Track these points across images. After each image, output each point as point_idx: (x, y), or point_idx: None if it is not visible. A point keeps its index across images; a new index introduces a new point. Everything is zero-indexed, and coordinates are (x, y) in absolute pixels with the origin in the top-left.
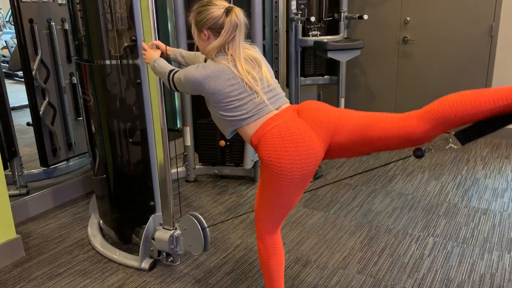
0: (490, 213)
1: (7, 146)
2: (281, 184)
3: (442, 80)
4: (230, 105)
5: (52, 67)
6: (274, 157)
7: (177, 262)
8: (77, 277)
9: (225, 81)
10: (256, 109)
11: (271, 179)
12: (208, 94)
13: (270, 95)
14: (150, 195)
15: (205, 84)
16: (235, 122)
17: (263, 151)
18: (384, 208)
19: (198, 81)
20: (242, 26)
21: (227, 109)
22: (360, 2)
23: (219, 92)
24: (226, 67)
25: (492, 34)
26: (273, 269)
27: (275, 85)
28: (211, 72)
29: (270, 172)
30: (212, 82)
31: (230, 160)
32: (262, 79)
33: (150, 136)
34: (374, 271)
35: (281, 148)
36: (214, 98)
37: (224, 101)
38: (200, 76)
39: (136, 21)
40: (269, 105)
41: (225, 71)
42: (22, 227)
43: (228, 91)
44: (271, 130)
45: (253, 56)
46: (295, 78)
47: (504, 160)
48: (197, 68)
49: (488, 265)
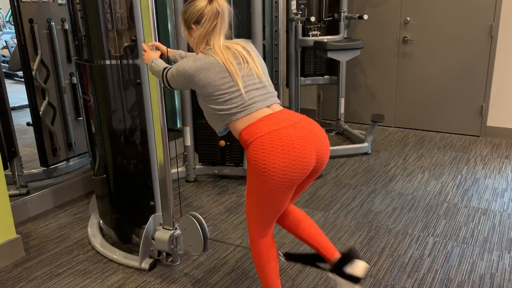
0: (490, 213)
1: (7, 146)
2: (265, 184)
3: (442, 80)
4: (220, 98)
5: (52, 67)
6: (260, 159)
7: (177, 262)
8: (77, 277)
9: (216, 74)
10: (247, 104)
11: (256, 179)
12: (198, 87)
13: (262, 92)
14: (150, 195)
15: (196, 76)
16: (226, 116)
17: (251, 153)
18: (384, 208)
19: (189, 74)
20: (225, 14)
21: (218, 102)
22: (360, 2)
23: (209, 84)
24: (217, 61)
25: (492, 34)
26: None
27: (267, 83)
28: (202, 64)
29: (255, 172)
30: (203, 74)
31: (230, 160)
32: (251, 74)
33: (150, 136)
34: (374, 271)
35: (270, 154)
36: (205, 91)
37: (214, 94)
38: (191, 69)
39: (136, 21)
40: (260, 101)
41: (216, 63)
42: (22, 227)
43: (218, 84)
44: (263, 137)
45: (244, 50)
46: (295, 78)
47: (504, 160)
48: (188, 61)
49: (488, 265)
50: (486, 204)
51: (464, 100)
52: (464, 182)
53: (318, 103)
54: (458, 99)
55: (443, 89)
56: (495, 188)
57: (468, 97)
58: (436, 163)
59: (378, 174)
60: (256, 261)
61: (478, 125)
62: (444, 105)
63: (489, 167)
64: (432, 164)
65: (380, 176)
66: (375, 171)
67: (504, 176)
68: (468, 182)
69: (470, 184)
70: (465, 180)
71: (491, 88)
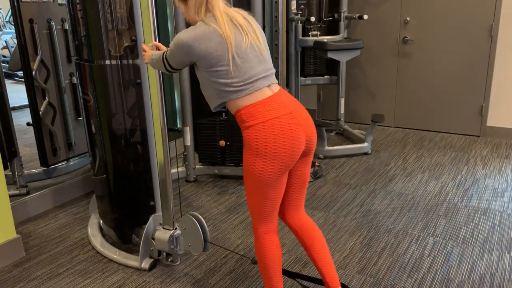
0: (490, 213)
1: (7, 146)
2: (266, 163)
3: (442, 80)
4: (222, 69)
5: (52, 67)
6: (261, 142)
7: (177, 262)
8: (77, 277)
9: (217, 44)
10: (247, 81)
11: (257, 160)
12: (199, 58)
13: (263, 68)
14: (150, 195)
15: (195, 46)
16: (224, 94)
17: (252, 136)
18: (384, 208)
19: (188, 44)
20: None
21: (220, 75)
22: (360, 2)
23: (210, 55)
24: (217, 30)
25: (492, 34)
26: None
27: (267, 57)
28: (200, 32)
29: (255, 152)
30: (203, 44)
31: (230, 160)
32: (252, 47)
33: (150, 136)
34: (374, 271)
35: (271, 138)
36: (206, 62)
37: (217, 64)
38: (189, 38)
39: (136, 21)
40: (260, 79)
41: (216, 33)
42: (22, 227)
43: (220, 54)
44: (264, 124)
45: (245, 21)
46: (295, 78)
47: (504, 160)
48: (185, 31)
49: (488, 265)
50: (486, 204)
51: (464, 100)
52: (464, 182)
53: (318, 103)
54: (458, 99)
55: (443, 89)
56: (495, 188)
57: (468, 97)
58: (436, 163)
59: (378, 174)
60: (260, 257)
61: (478, 125)
62: (444, 105)
63: (489, 167)
64: (432, 164)
65: (380, 176)
66: (375, 171)
67: (504, 176)
68: (468, 182)
69: (470, 184)
70: (465, 180)
71: (491, 88)
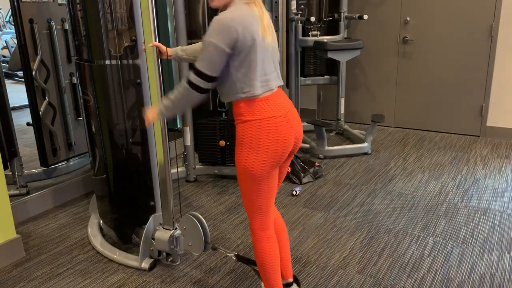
0: (490, 213)
1: (7, 146)
2: (259, 157)
3: (442, 80)
4: (253, 61)
5: (52, 67)
6: (255, 137)
7: (177, 262)
8: (77, 277)
9: (257, 31)
10: (265, 80)
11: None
12: (241, 43)
13: (274, 67)
14: (150, 195)
15: (236, 26)
16: (247, 90)
17: (247, 130)
18: (384, 208)
19: (227, 26)
20: None
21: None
22: (360, 2)
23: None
24: (255, 14)
25: (492, 34)
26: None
27: (277, 59)
28: (236, 15)
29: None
30: (240, 26)
31: (230, 160)
32: (274, 47)
33: (150, 136)
34: (374, 271)
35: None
36: (242, 47)
37: (251, 52)
38: (226, 21)
39: (136, 21)
40: (272, 80)
41: (256, 17)
42: (22, 227)
43: (260, 40)
44: (261, 121)
45: (270, 21)
46: (295, 78)
47: (504, 160)
48: (223, 13)
49: (488, 265)
50: (486, 204)
51: (464, 100)
52: (464, 182)
53: (318, 103)
54: (458, 99)
55: (443, 89)
56: (495, 188)
57: (468, 97)
58: (436, 163)
59: (378, 174)
60: (258, 256)
61: (478, 125)
62: (444, 105)
63: (489, 167)
64: (432, 164)
65: (380, 176)
66: (375, 171)
67: (504, 176)
68: (468, 182)
69: (470, 184)
70: (465, 180)
71: (491, 88)
